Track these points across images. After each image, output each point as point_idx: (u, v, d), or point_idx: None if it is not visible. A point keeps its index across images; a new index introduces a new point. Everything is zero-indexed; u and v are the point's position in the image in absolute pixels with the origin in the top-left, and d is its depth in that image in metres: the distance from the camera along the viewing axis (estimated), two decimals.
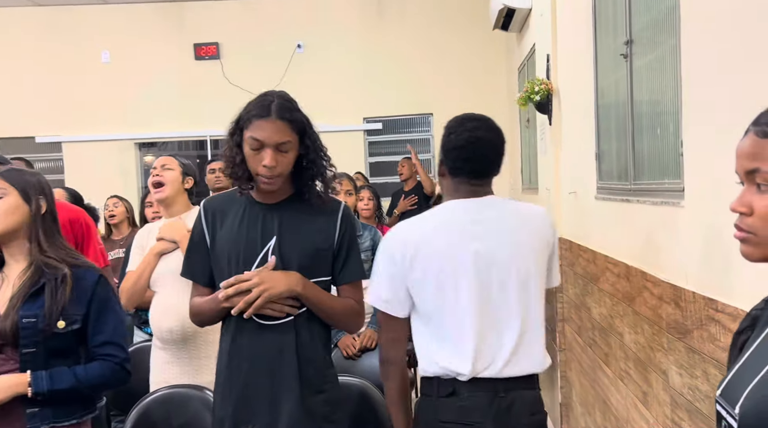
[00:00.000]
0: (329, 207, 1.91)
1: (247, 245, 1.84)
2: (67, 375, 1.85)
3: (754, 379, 0.95)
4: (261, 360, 1.83)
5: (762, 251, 0.97)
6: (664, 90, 2.15)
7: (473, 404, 1.75)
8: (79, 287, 1.88)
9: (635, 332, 2.48)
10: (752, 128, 0.97)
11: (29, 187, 1.88)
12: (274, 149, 1.77)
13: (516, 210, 1.90)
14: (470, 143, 1.82)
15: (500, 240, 1.80)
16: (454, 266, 1.77)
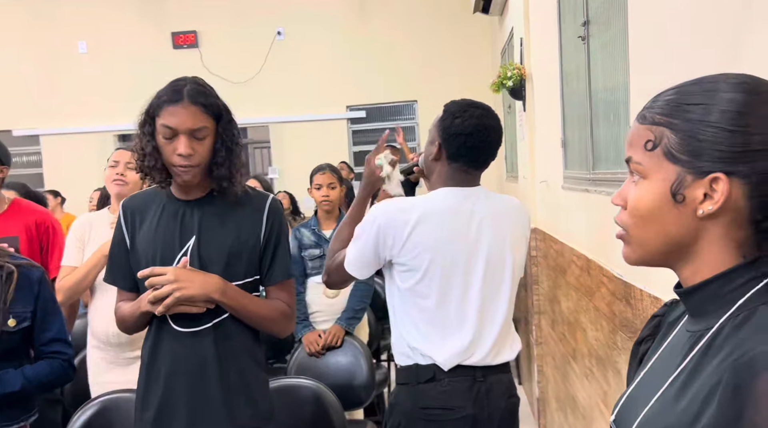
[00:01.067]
0: (255, 201, 1.78)
1: (165, 245, 1.72)
2: (16, 377, 1.80)
3: (646, 406, 0.84)
4: (180, 369, 1.72)
5: (637, 252, 0.84)
6: (616, 75, 2.03)
7: (454, 389, 1.77)
8: (25, 284, 1.83)
9: (596, 328, 2.38)
10: (639, 113, 0.85)
11: None
12: (188, 135, 1.64)
13: (500, 203, 1.88)
14: (478, 131, 1.78)
15: (493, 234, 1.81)
16: (451, 258, 1.76)
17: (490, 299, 1.81)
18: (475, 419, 1.77)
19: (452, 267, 1.77)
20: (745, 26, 1.18)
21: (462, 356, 1.78)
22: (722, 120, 0.76)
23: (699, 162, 0.77)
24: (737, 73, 0.80)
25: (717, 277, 0.80)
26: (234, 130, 1.74)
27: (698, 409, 0.74)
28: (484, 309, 1.80)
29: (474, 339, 1.78)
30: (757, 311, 0.76)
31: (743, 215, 0.77)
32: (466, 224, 1.79)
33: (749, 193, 0.76)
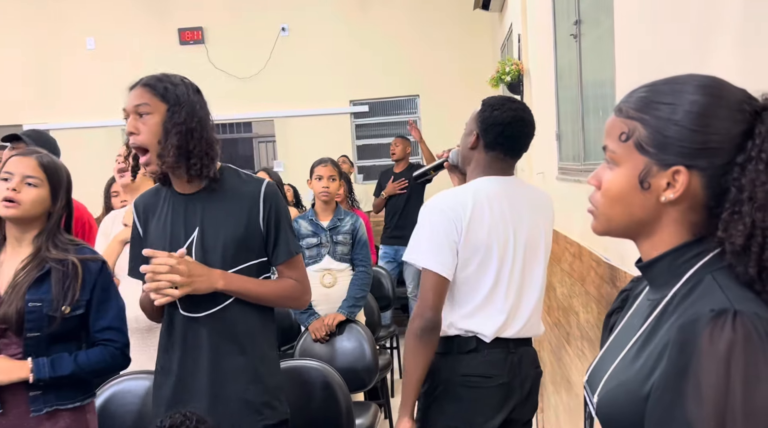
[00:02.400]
0: (250, 188, 1.86)
1: (171, 239, 1.84)
2: (68, 362, 1.89)
3: (611, 366, 0.96)
4: (195, 351, 1.84)
5: (603, 225, 0.98)
6: (605, 72, 2.16)
7: (493, 359, 1.94)
8: (85, 273, 1.91)
9: (587, 311, 2.51)
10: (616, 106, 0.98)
11: (59, 184, 1.92)
12: (133, 113, 1.76)
13: (534, 191, 2.10)
14: (516, 121, 1.95)
15: (531, 219, 1.99)
16: (497, 241, 1.93)
17: (527, 279, 1.98)
18: (509, 386, 1.95)
19: (500, 250, 1.93)
20: (713, 27, 1.30)
21: (501, 330, 1.94)
22: (686, 120, 0.88)
23: (664, 155, 0.89)
24: (705, 76, 0.91)
25: (671, 252, 0.93)
26: (188, 116, 1.76)
27: (652, 365, 0.87)
28: (522, 288, 1.97)
29: (510, 314, 1.95)
30: (704, 280, 0.88)
31: (699, 202, 0.90)
32: (508, 210, 1.94)
33: (706, 184, 0.88)
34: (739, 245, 0.85)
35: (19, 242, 1.92)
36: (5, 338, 1.85)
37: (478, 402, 1.94)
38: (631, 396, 0.88)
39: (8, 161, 1.89)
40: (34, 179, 1.87)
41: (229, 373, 1.84)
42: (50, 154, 1.97)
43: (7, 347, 1.85)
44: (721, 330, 0.79)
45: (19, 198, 1.85)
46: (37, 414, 1.85)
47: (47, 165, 1.90)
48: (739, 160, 0.85)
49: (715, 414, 0.77)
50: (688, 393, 0.79)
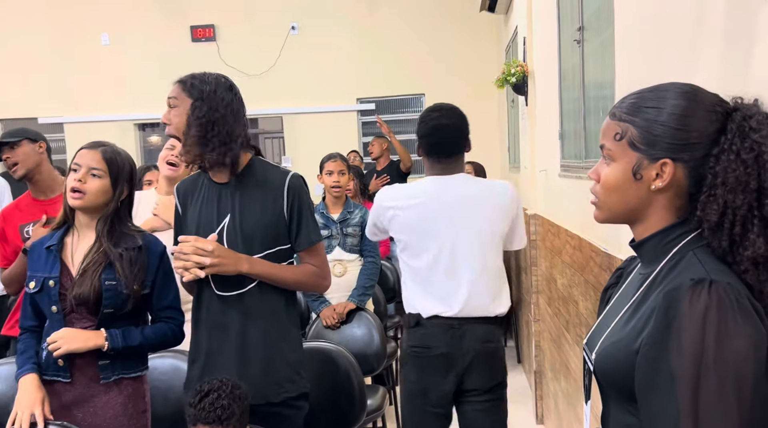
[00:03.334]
0: (276, 179, 2.03)
1: (206, 223, 2.01)
2: (137, 334, 2.05)
3: (608, 328, 1.13)
4: (225, 326, 2.00)
5: (604, 213, 1.15)
6: (605, 75, 2.32)
7: (431, 333, 2.28)
8: (150, 256, 2.08)
9: (585, 299, 2.67)
10: (610, 111, 1.15)
11: (121, 174, 2.05)
12: (168, 106, 1.99)
13: (479, 185, 2.38)
14: (435, 130, 2.29)
15: (465, 210, 2.26)
16: (429, 231, 2.26)
17: (465, 265, 2.26)
18: (448, 356, 2.26)
19: (432, 239, 2.26)
20: (701, 37, 1.47)
21: (438, 308, 2.27)
22: (670, 121, 1.05)
23: (653, 151, 1.06)
24: (684, 83, 1.09)
25: (658, 232, 1.09)
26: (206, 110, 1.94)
27: (642, 326, 1.04)
28: (459, 274, 2.25)
29: (447, 297, 2.26)
30: (686, 256, 1.05)
31: (683, 189, 1.07)
32: (445, 204, 2.27)
33: (688, 174, 1.05)
34: (713, 222, 1.01)
35: (87, 228, 2.07)
36: (77, 313, 2.00)
37: (423, 368, 2.29)
38: (624, 351, 1.04)
39: (77, 153, 2.05)
40: (98, 171, 2.01)
41: (254, 347, 1.99)
42: (116, 146, 2.12)
43: (79, 321, 2.00)
44: (698, 296, 0.94)
45: (85, 188, 1.99)
46: (107, 381, 2.02)
47: (110, 158, 2.04)
48: (714, 152, 1.02)
49: (693, 363, 0.92)
50: (671, 346, 0.94)
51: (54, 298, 2.00)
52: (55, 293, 2.00)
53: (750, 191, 0.99)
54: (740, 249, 1.00)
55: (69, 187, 2.01)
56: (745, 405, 0.90)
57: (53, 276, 2.01)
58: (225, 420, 1.80)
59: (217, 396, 1.81)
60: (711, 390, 0.91)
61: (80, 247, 2.07)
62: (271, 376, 2.00)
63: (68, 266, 2.04)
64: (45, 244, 2.07)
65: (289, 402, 2.03)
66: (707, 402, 0.91)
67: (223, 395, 1.81)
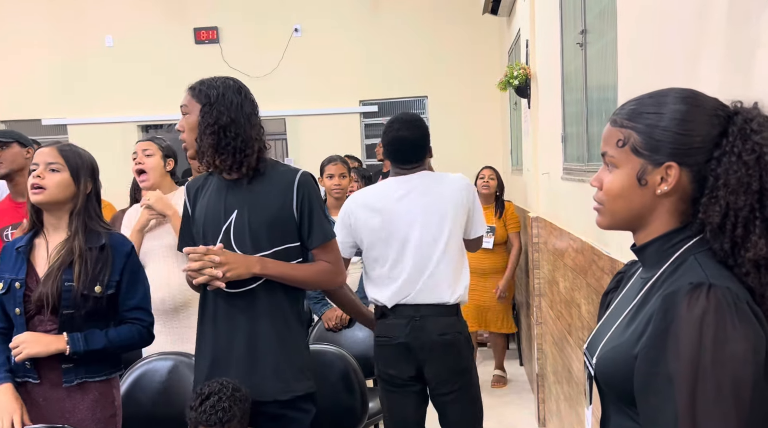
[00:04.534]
0: (286, 177, 2.03)
1: (213, 219, 2.02)
2: (100, 337, 2.03)
3: (608, 333, 1.13)
4: (233, 323, 2.00)
5: (608, 220, 1.14)
6: (608, 79, 2.32)
7: (393, 323, 2.47)
8: (115, 256, 2.07)
9: (588, 302, 2.67)
10: (610, 118, 1.15)
11: (81, 168, 2.06)
12: (182, 114, 2.02)
13: (435, 179, 2.54)
14: (395, 141, 2.50)
15: (421, 203, 2.46)
16: (389, 225, 2.45)
17: (423, 253, 2.44)
18: (408, 345, 2.46)
19: (392, 233, 2.45)
20: (703, 41, 1.47)
21: (398, 296, 2.45)
22: (672, 125, 1.05)
23: (657, 156, 1.06)
24: (683, 88, 1.09)
25: (660, 237, 1.09)
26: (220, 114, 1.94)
27: (642, 330, 1.04)
28: (417, 262, 2.44)
29: (405, 284, 2.44)
30: (687, 260, 1.05)
31: (687, 194, 1.06)
32: (400, 201, 2.47)
33: (692, 177, 1.05)
34: (716, 223, 1.01)
35: (55, 228, 2.07)
36: (41, 314, 2.00)
37: (387, 357, 2.51)
38: (624, 355, 1.04)
39: (35, 154, 2.06)
40: (55, 165, 2.02)
41: (263, 344, 1.99)
42: (71, 144, 2.12)
43: (42, 323, 2.00)
44: (696, 299, 0.94)
45: (44, 183, 2.00)
46: (69, 385, 2.01)
47: (66, 151, 2.05)
48: (716, 154, 1.02)
49: (690, 367, 0.92)
50: (669, 349, 0.94)
51: (18, 300, 1.99)
52: (20, 295, 1.99)
53: (752, 193, 0.99)
54: (742, 251, 1.00)
55: (29, 184, 2.01)
56: (743, 409, 0.90)
57: (19, 278, 2.00)
58: (226, 422, 1.81)
59: (218, 398, 1.81)
60: (709, 393, 0.91)
61: (50, 247, 2.06)
62: (281, 373, 2.00)
63: (35, 268, 2.03)
64: (16, 245, 2.08)
65: (297, 403, 2.02)
66: (705, 405, 0.91)
67: (223, 397, 1.82)
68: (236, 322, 2.01)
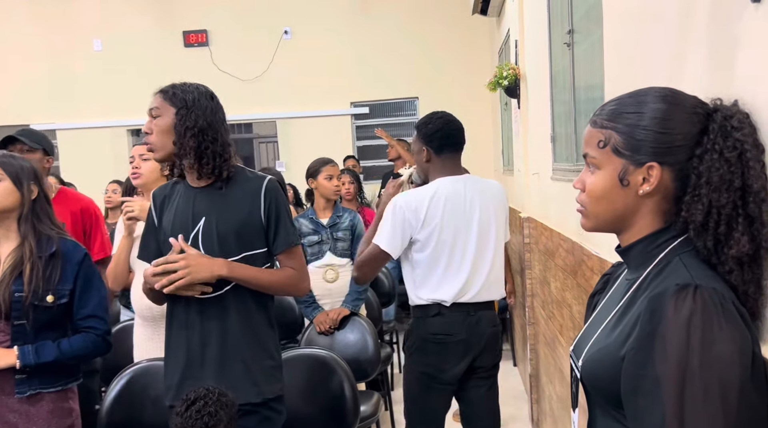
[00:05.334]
0: (253, 184, 2.03)
1: (181, 225, 2.01)
2: (51, 349, 2.01)
3: (594, 335, 1.12)
4: (203, 328, 1.99)
5: (592, 222, 1.14)
6: (594, 78, 2.31)
7: (453, 320, 2.54)
8: (67, 263, 2.04)
9: (578, 303, 2.66)
10: (590, 119, 1.14)
11: (22, 173, 2.03)
12: (149, 116, 1.99)
13: (483, 184, 2.64)
14: (446, 124, 2.56)
15: (482, 207, 2.55)
16: (454, 227, 2.51)
17: (480, 256, 2.55)
18: (467, 341, 2.55)
19: (455, 234, 2.51)
20: (688, 39, 1.46)
21: (458, 296, 2.52)
22: (652, 125, 1.04)
23: (638, 156, 1.05)
24: (662, 87, 1.08)
25: (644, 238, 1.08)
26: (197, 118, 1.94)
27: (628, 332, 1.03)
28: (475, 262, 2.53)
29: (466, 283, 2.53)
30: (672, 261, 1.04)
31: (670, 193, 1.06)
32: (462, 201, 2.52)
33: (674, 176, 1.04)
34: (698, 221, 1.01)
35: (6, 237, 2.04)
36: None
37: (442, 353, 2.54)
38: (611, 357, 1.03)
39: None
40: None
41: (233, 348, 1.99)
42: (7, 153, 2.09)
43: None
44: (683, 301, 0.94)
45: None
46: (21, 396, 1.98)
47: (3, 162, 2.02)
48: (697, 152, 1.02)
49: (678, 368, 0.91)
50: (657, 351, 0.94)
51: None
52: None
53: (734, 190, 0.99)
54: (725, 249, 0.99)
55: None
56: (730, 410, 0.90)
57: None
58: (212, 427, 1.79)
59: (204, 403, 1.79)
60: (696, 395, 0.90)
61: (1, 257, 2.03)
62: (251, 377, 2.00)
63: None
64: None
65: (269, 404, 2.03)
66: (693, 407, 0.90)
67: (209, 402, 1.80)
68: (207, 327, 2.00)
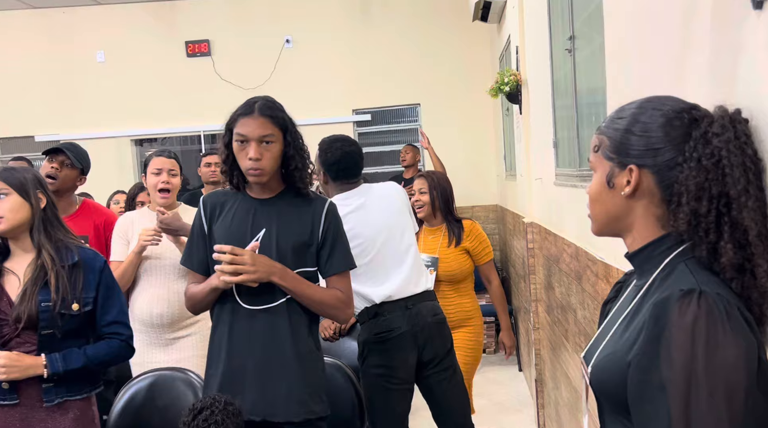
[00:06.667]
0: (316, 204, 2.06)
1: (239, 236, 2.00)
2: (78, 355, 2.03)
3: (604, 341, 1.13)
4: (249, 340, 1.98)
5: (594, 225, 1.16)
6: (596, 82, 2.32)
7: (393, 316, 2.63)
8: (89, 272, 2.06)
9: (583, 308, 2.67)
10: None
11: (27, 184, 2.03)
12: (257, 142, 1.95)
13: (382, 188, 2.77)
14: (344, 157, 2.64)
15: (383, 210, 2.67)
16: (367, 233, 2.61)
17: (394, 252, 2.66)
18: (411, 333, 2.64)
19: (367, 240, 2.60)
20: (689, 44, 1.47)
21: (388, 294, 2.62)
22: (631, 127, 1.08)
23: (622, 158, 1.08)
24: (658, 95, 1.11)
25: (648, 244, 1.10)
26: (300, 139, 2.05)
27: (635, 337, 1.04)
28: (393, 261, 2.66)
29: (392, 281, 2.63)
30: (677, 267, 1.05)
31: (658, 197, 1.07)
32: (363, 210, 2.63)
33: (657, 181, 1.06)
34: (683, 230, 1.02)
35: (21, 249, 2.05)
36: (19, 337, 1.98)
37: (390, 350, 2.63)
38: (618, 363, 1.04)
39: None
40: (1, 191, 2.00)
41: (277, 365, 1.97)
42: (11, 167, 2.10)
43: (21, 345, 1.98)
44: (688, 306, 0.94)
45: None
46: (50, 405, 1.99)
47: (5, 175, 2.03)
48: (679, 160, 1.03)
49: (683, 374, 0.92)
50: (661, 356, 0.94)
51: None
52: None
53: (712, 198, 0.99)
54: (719, 257, 1.00)
55: None
56: (736, 415, 0.90)
57: None
58: None
59: (210, 412, 1.80)
60: (702, 400, 0.91)
61: (19, 270, 2.04)
62: (296, 395, 1.98)
63: (6, 292, 2.01)
64: None
65: (310, 424, 2.00)
66: (698, 412, 0.91)
67: (216, 411, 1.81)
68: (254, 340, 1.99)
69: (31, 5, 7.33)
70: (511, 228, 5.79)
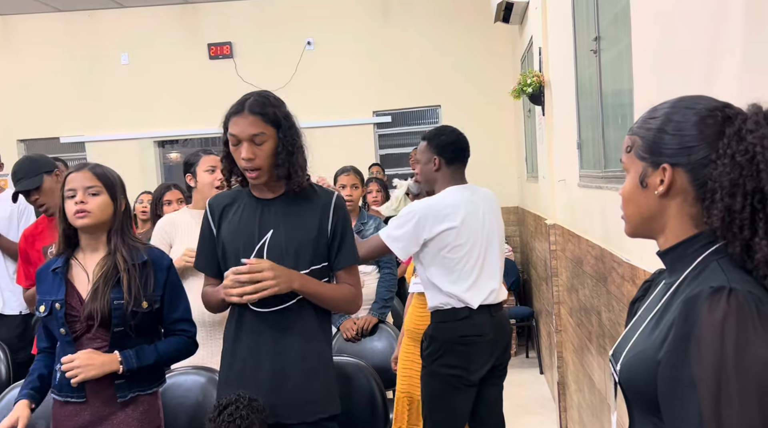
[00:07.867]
0: (322, 199, 2.02)
1: (246, 237, 1.98)
2: (151, 352, 2.08)
3: (633, 339, 1.13)
4: (261, 343, 1.98)
5: (627, 226, 1.15)
6: (624, 84, 2.31)
7: (482, 322, 2.65)
8: (157, 271, 2.11)
9: (608, 310, 2.65)
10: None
11: (116, 187, 2.10)
12: (248, 141, 1.90)
13: (486, 192, 2.79)
14: (458, 138, 2.74)
15: (486, 214, 2.68)
16: (472, 233, 2.61)
17: (491, 260, 2.69)
18: (495, 341, 2.69)
19: (475, 240, 2.62)
20: (719, 46, 1.46)
21: (484, 298, 2.66)
22: (664, 127, 1.07)
23: (655, 158, 1.08)
24: (683, 96, 1.11)
25: (681, 243, 1.09)
26: (294, 135, 1.97)
27: (665, 335, 1.03)
28: (492, 265, 2.69)
29: (487, 286, 2.66)
30: (709, 265, 1.05)
31: (692, 196, 1.07)
32: (474, 207, 2.64)
33: (691, 179, 1.06)
34: (717, 226, 1.02)
35: (93, 248, 2.09)
36: (91, 333, 2.02)
37: (472, 354, 2.65)
38: (648, 362, 1.04)
39: (67, 178, 2.06)
40: (94, 188, 2.04)
41: (290, 365, 1.96)
42: (100, 164, 2.14)
43: (92, 341, 2.02)
44: (717, 303, 0.94)
45: (89, 208, 2.02)
46: (123, 400, 2.04)
47: (101, 173, 2.08)
48: (713, 157, 1.03)
49: (713, 371, 0.92)
50: (691, 354, 0.94)
51: (61, 321, 2.01)
52: (62, 315, 2.01)
53: (747, 194, 0.99)
54: (753, 254, 0.99)
55: (72, 211, 2.02)
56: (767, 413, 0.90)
57: (59, 299, 2.02)
58: None
59: (236, 407, 1.82)
60: (732, 398, 0.90)
61: (89, 267, 2.08)
62: (308, 395, 1.98)
63: (76, 288, 2.05)
64: (51, 267, 2.09)
65: (322, 424, 2.00)
66: (729, 410, 0.91)
67: (241, 406, 1.83)
68: (266, 341, 1.98)
69: (56, 8, 7.45)
70: (532, 230, 5.76)
